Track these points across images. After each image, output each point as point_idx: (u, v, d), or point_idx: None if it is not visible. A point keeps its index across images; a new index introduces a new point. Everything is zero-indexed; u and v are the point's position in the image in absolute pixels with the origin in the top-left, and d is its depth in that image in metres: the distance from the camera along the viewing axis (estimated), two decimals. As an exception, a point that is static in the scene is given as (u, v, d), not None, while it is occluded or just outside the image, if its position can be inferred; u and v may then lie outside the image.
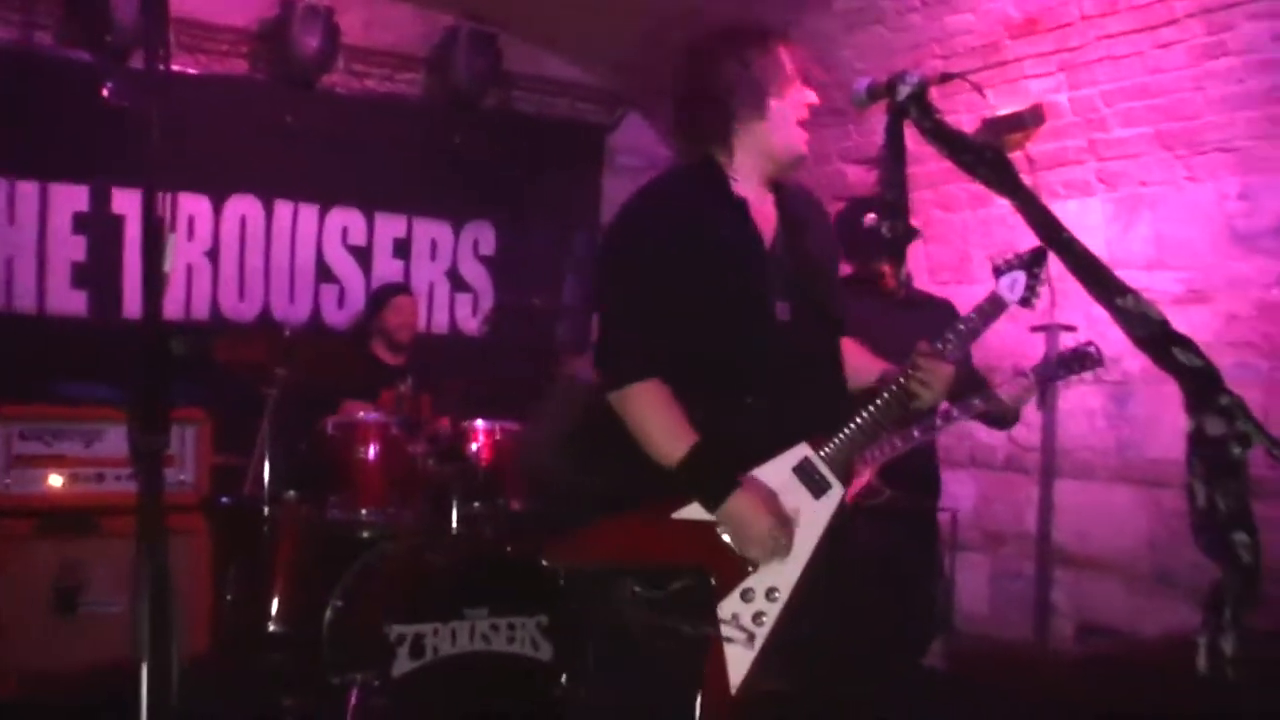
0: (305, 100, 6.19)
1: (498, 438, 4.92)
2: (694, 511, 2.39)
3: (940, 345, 2.52)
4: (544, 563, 2.40)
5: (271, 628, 4.61)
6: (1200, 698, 1.53)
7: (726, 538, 2.37)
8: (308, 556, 4.82)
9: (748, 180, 2.57)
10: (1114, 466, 5.17)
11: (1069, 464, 5.31)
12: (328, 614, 4.52)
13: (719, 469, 2.39)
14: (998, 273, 2.67)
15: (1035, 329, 5.05)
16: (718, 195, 2.53)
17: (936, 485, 4.43)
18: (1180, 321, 1.65)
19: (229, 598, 4.76)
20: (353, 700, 4.18)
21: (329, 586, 4.60)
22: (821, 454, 2.46)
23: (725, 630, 2.33)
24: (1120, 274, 1.80)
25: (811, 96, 2.58)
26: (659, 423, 2.41)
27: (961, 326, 2.57)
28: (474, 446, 4.80)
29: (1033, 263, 2.65)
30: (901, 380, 2.48)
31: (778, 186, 2.65)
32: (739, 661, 2.33)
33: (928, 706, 4.49)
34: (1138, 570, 5.03)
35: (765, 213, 2.58)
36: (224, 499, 4.96)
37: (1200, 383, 1.59)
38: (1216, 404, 1.56)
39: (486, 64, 6.52)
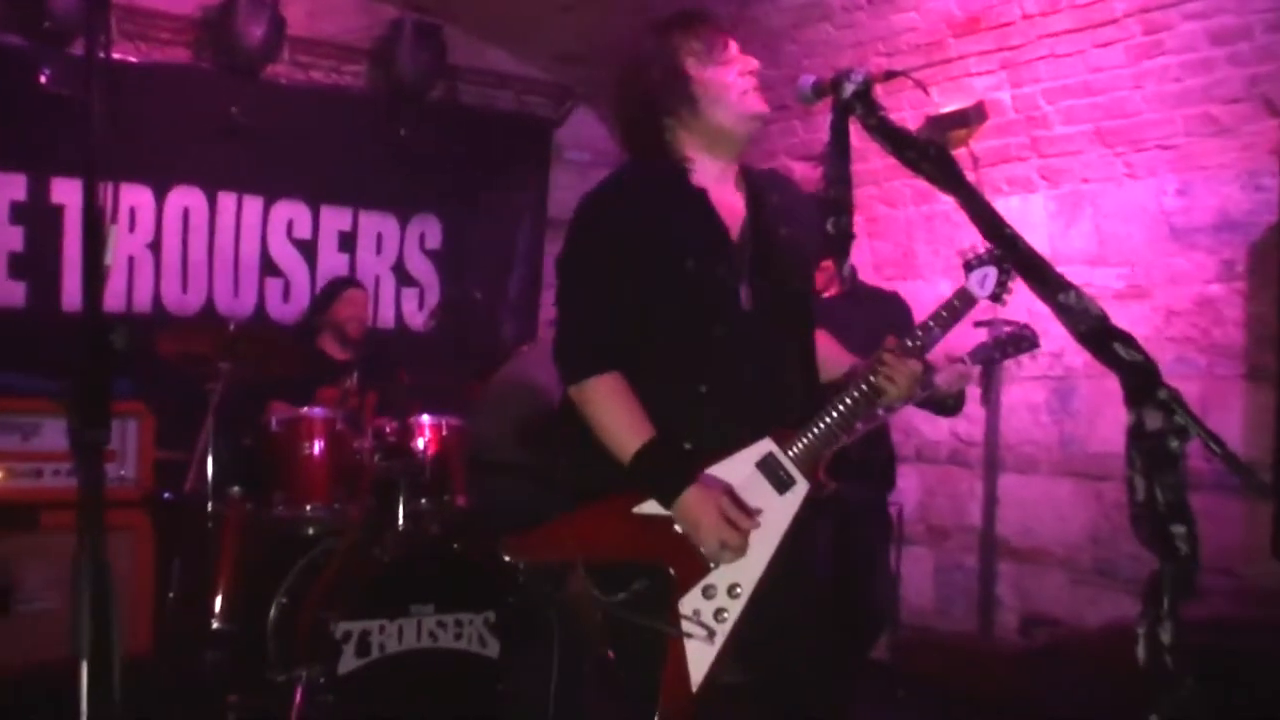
0: (249, 91, 6.11)
1: (444, 433, 4.89)
2: (654, 506, 2.37)
3: (909, 341, 2.49)
4: (505, 557, 2.38)
5: (215, 625, 4.55)
6: (1140, 686, 1.55)
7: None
8: (252, 553, 4.77)
9: (706, 169, 2.54)
10: (1056, 460, 5.23)
11: (1012, 458, 5.37)
12: (273, 611, 4.47)
13: (672, 465, 2.37)
14: (968, 268, 2.60)
15: (979, 324, 5.09)
16: (675, 186, 2.52)
17: (892, 478, 4.49)
18: (1120, 317, 1.68)
19: (171, 595, 4.71)
20: (298, 698, 4.15)
21: (274, 583, 4.55)
22: (787, 449, 2.43)
23: (686, 626, 2.31)
24: (1062, 270, 1.82)
25: (751, 63, 2.53)
26: (615, 417, 2.39)
27: (930, 322, 2.52)
28: (420, 442, 4.77)
29: (1004, 257, 2.57)
30: (871, 377, 2.46)
31: (747, 173, 2.63)
32: (700, 658, 2.32)
33: (874, 699, 4.53)
34: (1079, 562, 5.10)
35: (729, 201, 2.56)
36: (167, 494, 4.90)
37: (1140, 377, 1.61)
38: (1155, 398, 1.58)
39: (431, 56, 6.48)
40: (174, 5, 6.08)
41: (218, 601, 4.59)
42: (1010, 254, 1.92)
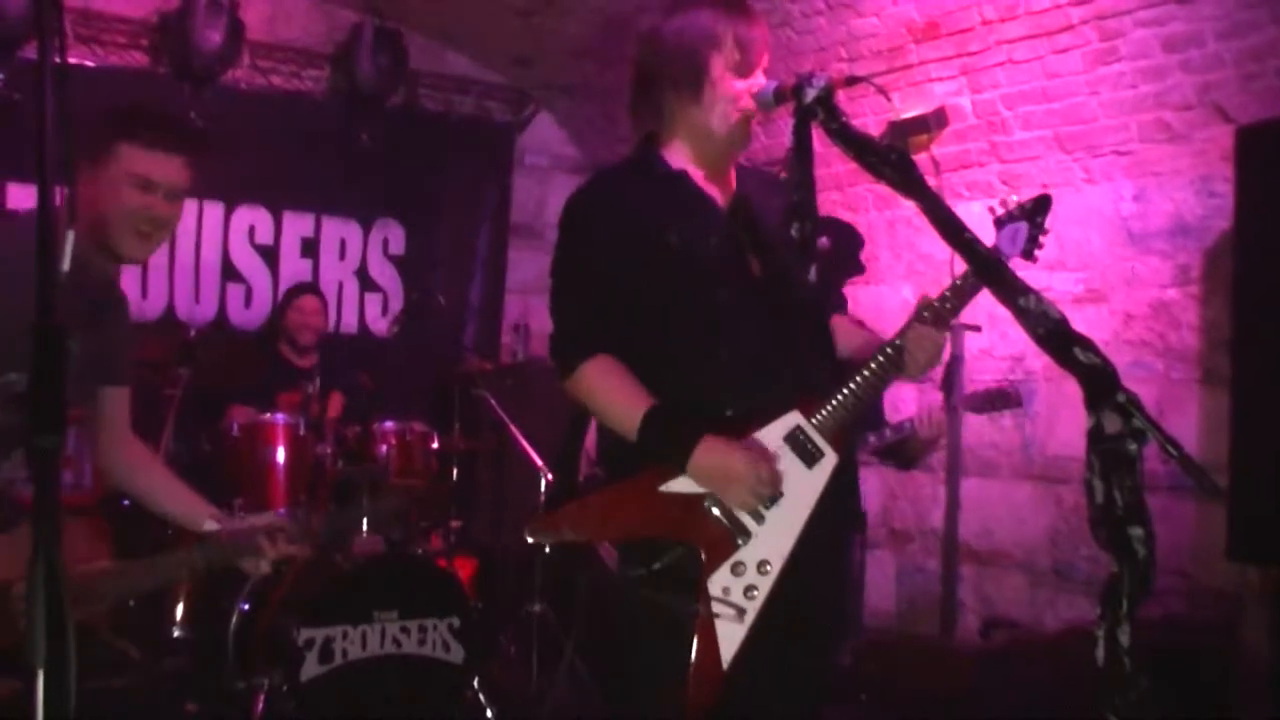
0: (208, 96, 6.06)
1: (407, 439, 4.88)
2: (682, 484, 2.33)
3: (939, 304, 2.41)
4: (529, 539, 2.35)
5: (176, 632, 4.52)
6: (1098, 686, 1.57)
7: (715, 510, 2.32)
8: (212, 560, 4.72)
9: (688, 154, 2.54)
10: (1017, 464, 5.27)
11: (974, 461, 5.40)
12: (234, 618, 4.45)
13: (680, 423, 2.33)
14: (999, 224, 2.52)
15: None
16: (652, 170, 2.52)
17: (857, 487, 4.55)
18: (1079, 321, 1.69)
19: (130, 602, 4.66)
20: (259, 706, 4.12)
21: (235, 590, 4.52)
22: (814, 421, 2.38)
23: (716, 606, 2.27)
24: (1022, 274, 1.84)
25: (758, 83, 2.51)
26: (613, 395, 2.37)
27: (960, 283, 2.41)
28: (383, 448, 4.76)
29: (1035, 211, 2.53)
30: (896, 344, 2.39)
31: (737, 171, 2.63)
32: (730, 637, 2.28)
33: (837, 703, 4.54)
34: (1038, 564, 5.14)
35: (714, 184, 2.56)
36: (125, 501, 4.85)
37: (1098, 381, 1.63)
38: (1114, 401, 1.60)
39: (391, 61, 6.46)
40: (130, 9, 6.02)
41: (178, 608, 4.56)
42: (970, 259, 1.94)
